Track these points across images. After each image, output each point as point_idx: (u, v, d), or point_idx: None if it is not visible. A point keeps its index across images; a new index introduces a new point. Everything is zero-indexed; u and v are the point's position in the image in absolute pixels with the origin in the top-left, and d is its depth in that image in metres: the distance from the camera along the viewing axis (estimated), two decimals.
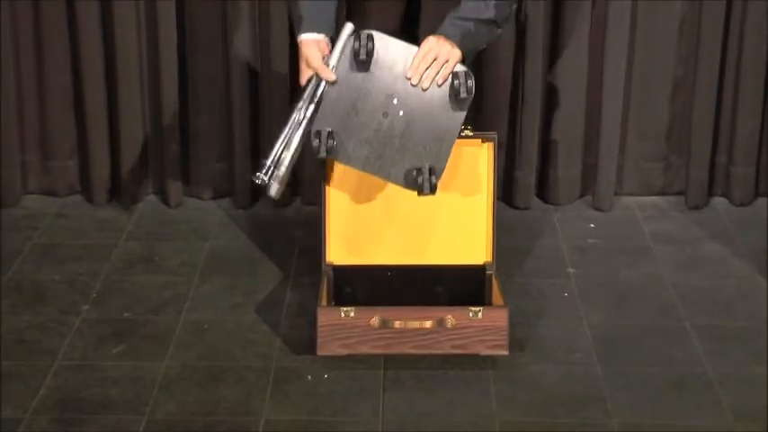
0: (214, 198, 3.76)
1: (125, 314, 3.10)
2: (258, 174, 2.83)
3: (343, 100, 2.85)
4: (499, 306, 2.94)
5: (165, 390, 2.78)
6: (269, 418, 2.69)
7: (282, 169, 2.84)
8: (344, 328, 2.88)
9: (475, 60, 3.49)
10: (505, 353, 2.90)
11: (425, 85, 2.84)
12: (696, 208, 3.72)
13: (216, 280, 3.28)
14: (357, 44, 2.83)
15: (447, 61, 2.83)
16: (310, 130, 2.85)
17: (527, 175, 3.69)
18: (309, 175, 3.61)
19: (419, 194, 2.84)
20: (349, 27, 2.86)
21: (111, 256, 3.40)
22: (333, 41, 2.88)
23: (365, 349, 2.90)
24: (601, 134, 3.67)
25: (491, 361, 2.89)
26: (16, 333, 3.00)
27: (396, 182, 2.87)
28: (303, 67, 2.89)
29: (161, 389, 2.78)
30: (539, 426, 2.67)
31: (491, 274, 3.06)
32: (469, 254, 3.10)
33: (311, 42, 2.87)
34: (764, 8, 3.55)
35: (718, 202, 3.76)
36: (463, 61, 2.85)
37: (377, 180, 3.10)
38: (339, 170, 3.09)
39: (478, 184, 3.07)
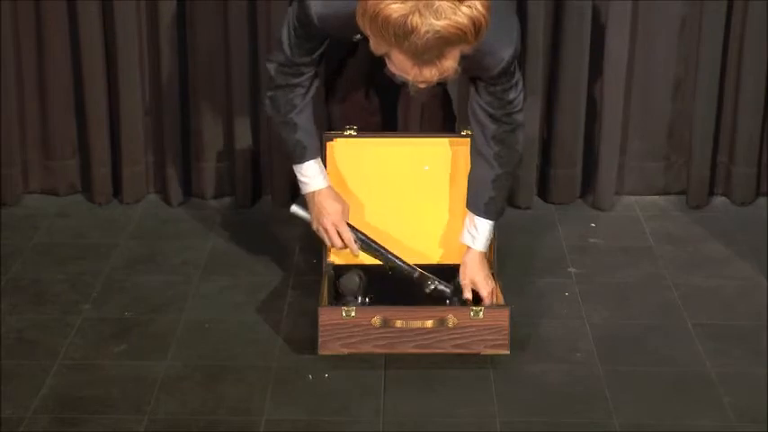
0: (215, 197, 3.76)
1: (126, 313, 3.10)
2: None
3: None
4: (500, 305, 2.94)
5: (167, 389, 2.78)
6: (270, 417, 2.69)
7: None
8: (346, 327, 2.88)
9: None
10: (506, 352, 2.90)
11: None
12: (697, 207, 3.72)
13: (217, 279, 3.28)
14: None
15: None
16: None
17: (528, 175, 3.69)
18: None
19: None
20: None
21: (112, 255, 3.40)
22: None
23: (366, 349, 2.90)
24: (601, 133, 3.67)
25: (492, 360, 2.89)
26: (17, 332, 3.00)
27: None
28: (331, 228, 3.00)
29: (162, 388, 2.78)
30: (540, 425, 2.67)
31: (492, 274, 3.06)
32: None
33: (331, 198, 3.00)
34: (765, 8, 3.55)
35: (719, 201, 3.76)
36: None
37: (377, 180, 3.11)
38: (338, 171, 3.10)
39: None
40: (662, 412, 2.71)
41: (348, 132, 3.09)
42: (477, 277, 2.99)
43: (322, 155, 3.07)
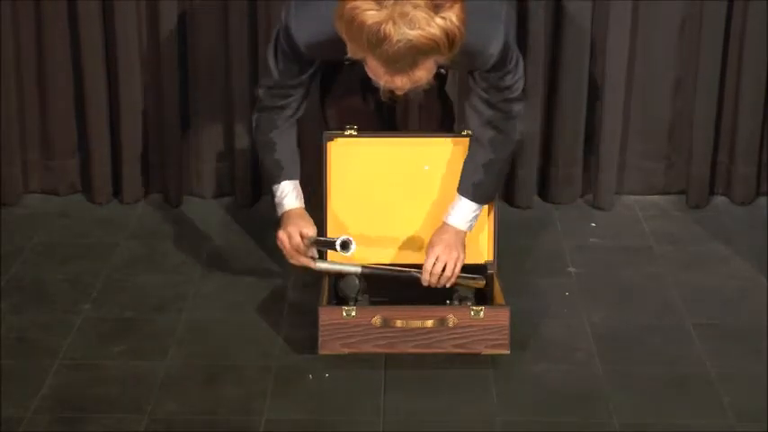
0: (215, 197, 3.76)
1: (126, 313, 3.10)
2: None
3: None
4: (501, 305, 2.94)
5: (166, 389, 2.78)
6: (270, 417, 2.69)
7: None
8: (346, 327, 2.88)
9: None
10: (507, 352, 2.90)
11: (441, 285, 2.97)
12: (697, 207, 3.72)
13: (217, 279, 3.28)
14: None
15: (455, 266, 2.94)
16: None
17: (528, 174, 3.69)
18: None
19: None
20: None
21: (112, 255, 3.40)
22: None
23: (367, 348, 2.90)
24: (602, 133, 3.67)
25: (492, 360, 2.89)
26: (17, 332, 3.00)
27: None
28: (294, 231, 2.93)
29: (162, 388, 2.78)
30: (540, 425, 2.67)
31: (492, 274, 3.06)
32: (471, 253, 3.09)
33: (305, 216, 2.95)
34: (765, 8, 3.55)
35: (720, 201, 3.76)
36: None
37: (377, 180, 3.11)
38: (338, 171, 3.09)
39: None
40: (662, 412, 2.71)
41: (348, 132, 3.09)
42: (433, 240, 2.96)
43: (322, 155, 3.07)
